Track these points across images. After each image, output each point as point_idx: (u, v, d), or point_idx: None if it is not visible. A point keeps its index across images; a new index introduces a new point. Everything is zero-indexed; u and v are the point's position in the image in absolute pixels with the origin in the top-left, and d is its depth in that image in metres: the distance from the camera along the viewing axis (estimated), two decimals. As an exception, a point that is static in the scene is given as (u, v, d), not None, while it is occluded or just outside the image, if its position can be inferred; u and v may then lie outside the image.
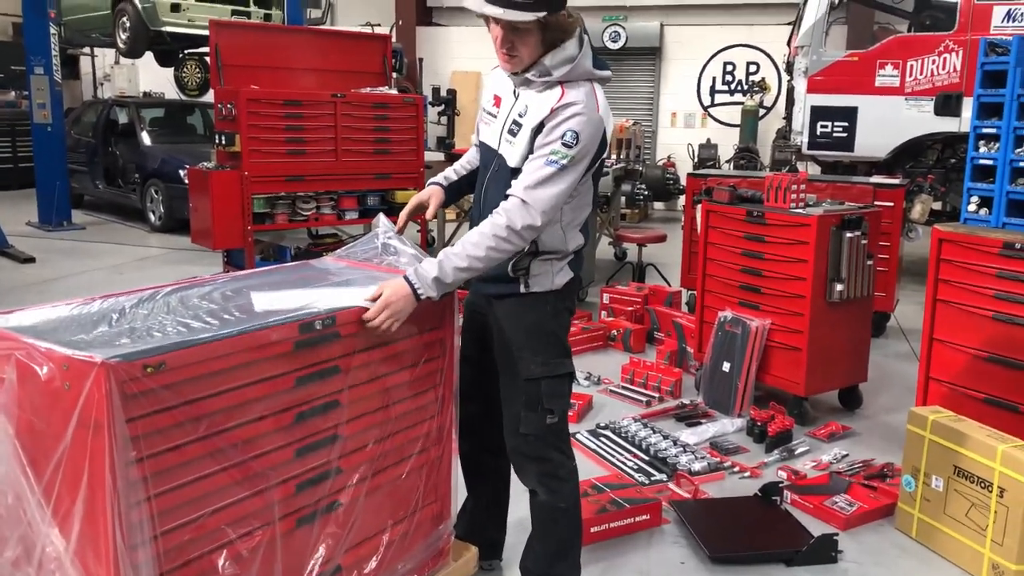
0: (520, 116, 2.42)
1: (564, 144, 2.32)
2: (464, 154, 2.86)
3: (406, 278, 2.28)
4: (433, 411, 2.55)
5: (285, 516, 2.09)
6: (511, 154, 2.44)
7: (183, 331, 1.92)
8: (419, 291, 2.27)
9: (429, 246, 8.75)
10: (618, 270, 7.83)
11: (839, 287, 4.25)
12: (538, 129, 2.36)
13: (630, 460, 3.89)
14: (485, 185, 2.56)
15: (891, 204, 5.75)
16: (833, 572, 3.04)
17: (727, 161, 12.17)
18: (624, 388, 4.86)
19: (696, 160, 12.36)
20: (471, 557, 2.73)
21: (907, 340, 5.97)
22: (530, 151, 2.38)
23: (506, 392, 2.57)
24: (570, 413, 4.38)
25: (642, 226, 10.53)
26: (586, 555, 3.08)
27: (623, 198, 9.31)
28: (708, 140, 12.74)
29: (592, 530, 3.17)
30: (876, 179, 6.26)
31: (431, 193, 2.72)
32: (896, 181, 6.14)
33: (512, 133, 2.44)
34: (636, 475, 3.73)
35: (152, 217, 10.39)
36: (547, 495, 2.57)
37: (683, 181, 8.82)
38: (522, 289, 2.48)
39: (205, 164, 6.90)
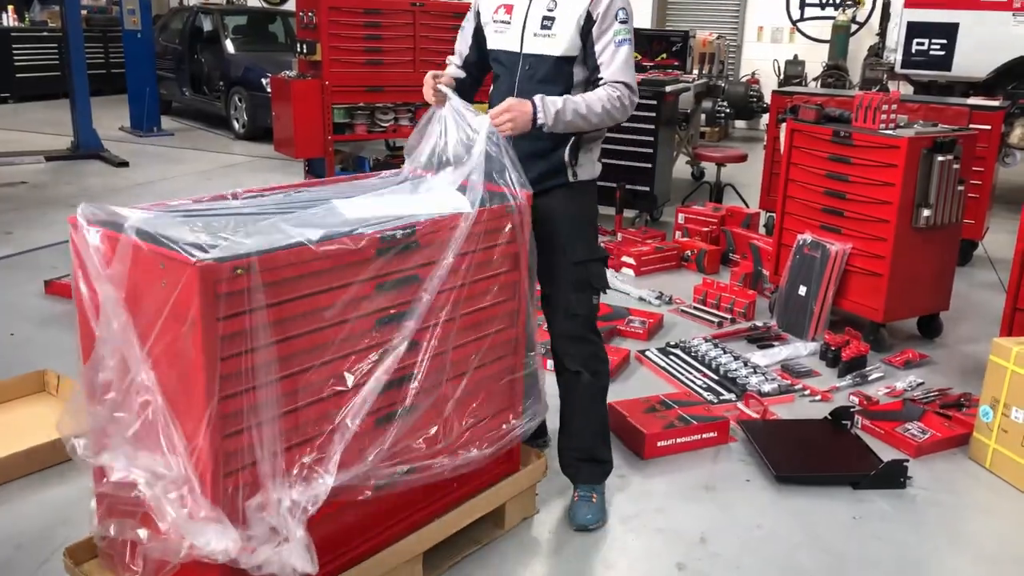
0: (550, 11, 2.61)
1: (620, 22, 2.59)
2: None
3: (532, 100, 2.50)
4: (508, 322, 2.60)
5: (365, 415, 2.19)
6: (554, 46, 2.61)
7: (275, 235, 1.98)
8: (539, 114, 2.49)
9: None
10: (695, 189, 7.71)
11: (926, 213, 4.12)
12: (588, 18, 2.57)
13: (699, 379, 3.91)
14: (518, 88, 2.68)
15: (988, 127, 5.50)
16: (902, 498, 3.04)
17: (815, 79, 11.70)
18: (696, 308, 4.85)
19: (782, 77, 11.91)
20: (540, 464, 2.82)
21: (995, 270, 5.77)
22: (581, 39, 2.59)
23: (556, 277, 2.75)
24: (640, 330, 4.42)
25: (722, 145, 10.27)
26: (651, 468, 3.17)
27: (703, 115, 9.09)
28: (795, 56, 12.23)
29: (659, 444, 3.23)
30: (974, 100, 5.96)
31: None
32: (996, 103, 5.84)
33: (546, 28, 2.62)
34: (705, 394, 3.76)
35: (236, 125, 10.59)
36: (591, 375, 2.79)
37: (767, 99, 8.54)
38: (570, 178, 2.71)
39: (287, 73, 6.96)
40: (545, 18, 2.62)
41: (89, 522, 2.14)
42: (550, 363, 2.89)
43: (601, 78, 2.61)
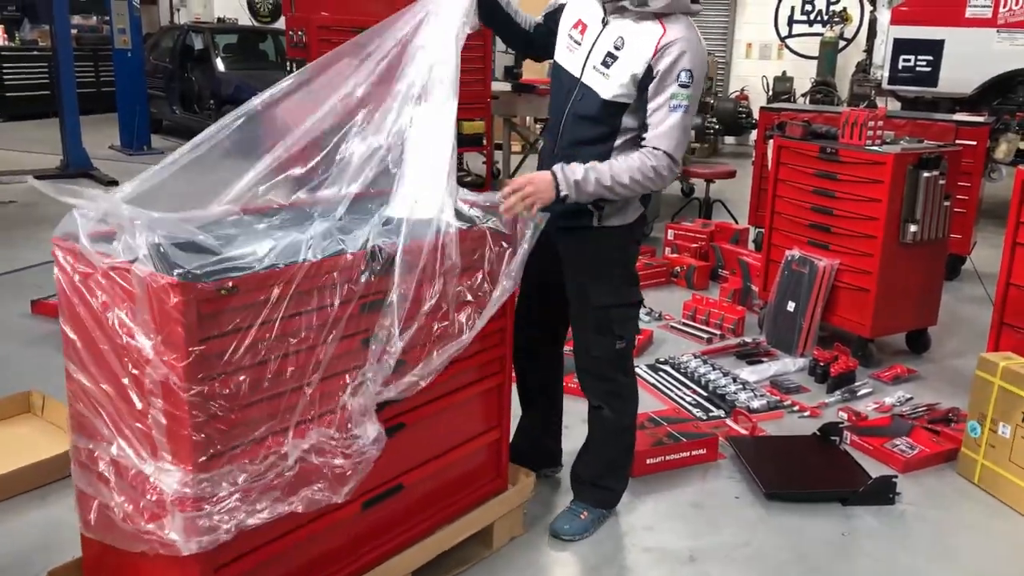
0: (616, 49, 2.44)
1: (682, 85, 2.39)
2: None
3: (552, 171, 2.40)
4: (496, 340, 2.60)
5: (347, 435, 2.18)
6: (604, 87, 2.47)
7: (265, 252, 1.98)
8: (560, 185, 2.37)
9: (495, 178, 8.76)
10: (684, 206, 7.73)
11: (913, 228, 4.14)
12: (647, 72, 2.40)
13: (688, 395, 3.91)
14: (566, 115, 2.58)
15: (974, 143, 5.54)
16: (890, 514, 3.04)
17: (803, 95, 11.78)
18: (685, 324, 4.85)
19: (770, 93, 12.00)
20: (528, 483, 2.81)
21: (982, 284, 5.78)
22: (637, 90, 2.43)
23: (576, 319, 2.72)
24: (630, 347, 4.41)
25: (711, 161, 10.33)
26: (640, 486, 3.15)
27: (692, 132, 9.14)
28: (784, 72, 12.32)
29: (648, 462, 3.22)
30: (959, 116, 6.01)
31: None
32: (981, 119, 5.89)
33: (606, 65, 2.46)
34: (694, 410, 3.75)
35: (226, 143, 10.57)
36: (611, 412, 2.77)
37: (756, 115, 8.59)
38: (595, 223, 2.58)
39: (276, 91, 6.95)
40: (608, 55, 2.46)
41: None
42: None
43: (643, 139, 2.47)
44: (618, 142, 2.52)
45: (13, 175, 8.40)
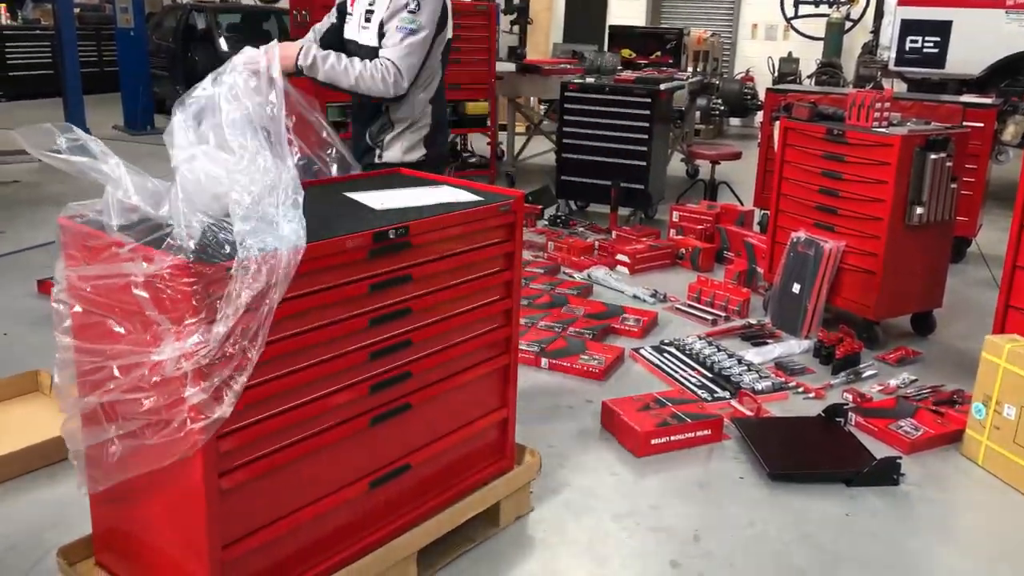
0: (371, 4, 3.01)
1: (409, 11, 2.92)
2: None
3: (299, 44, 2.89)
4: (501, 321, 2.61)
5: (359, 415, 2.19)
6: (369, 37, 3.01)
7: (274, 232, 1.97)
8: (300, 56, 2.82)
9: (499, 159, 8.74)
10: (689, 187, 7.71)
11: (919, 210, 4.13)
12: (389, 13, 2.95)
13: (693, 377, 3.92)
14: None
15: (981, 125, 5.51)
16: (894, 494, 3.05)
17: (809, 76, 11.72)
18: (690, 306, 4.85)
19: (776, 74, 11.93)
20: (534, 462, 2.82)
21: (988, 267, 5.78)
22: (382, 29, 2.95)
23: None
24: (634, 328, 4.42)
25: (716, 142, 10.29)
26: (645, 466, 3.17)
27: (698, 113, 9.10)
28: (790, 54, 12.24)
29: (653, 442, 3.24)
30: (967, 98, 5.97)
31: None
32: (988, 101, 5.86)
33: (367, 20, 3.01)
34: (699, 392, 3.76)
35: (229, 123, 10.55)
36: None
37: (761, 96, 8.55)
38: (376, 159, 3.06)
39: (280, 71, 6.93)
40: (367, 11, 3.03)
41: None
42: (545, 361, 2.91)
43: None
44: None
45: (16, 155, 8.40)
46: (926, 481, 3.15)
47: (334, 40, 3.19)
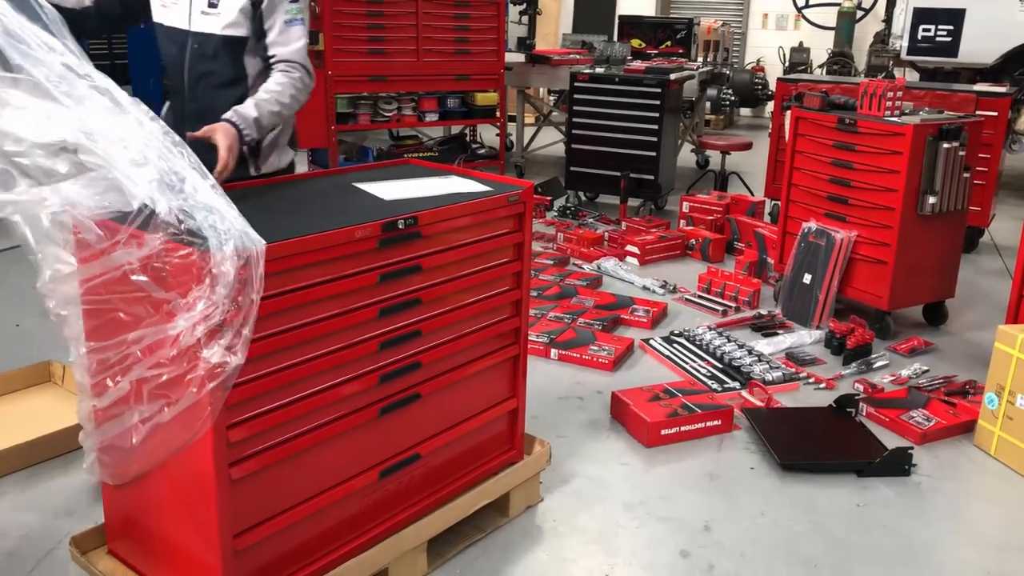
0: None
1: (291, 1, 2.56)
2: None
3: (231, 121, 2.37)
4: (511, 311, 2.60)
5: (369, 405, 2.20)
6: (217, 24, 2.55)
7: (278, 225, 1.98)
8: (244, 132, 2.38)
9: (508, 150, 8.73)
10: (700, 178, 7.68)
11: (931, 200, 4.10)
12: (253, 1, 2.53)
13: (703, 367, 3.91)
14: (187, 73, 2.62)
15: (995, 113, 5.47)
16: (906, 485, 3.04)
17: (820, 66, 11.64)
18: (700, 297, 4.84)
19: (787, 64, 11.86)
20: (544, 452, 2.82)
21: (1001, 257, 5.74)
22: (250, 21, 2.54)
23: None
24: (644, 319, 4.41)
25: (727, 133, 10.24)
26: (656, 456, 3.17)
27: (708, 103, 9.06)
28: (800, 43, 12.17)
29: (663, 432, 3.23)
30: (980, 87, 5.92)
31: None
32: (1002, 89, 5.80)
33: (213, 5, 2.55)
34: (709, 382, 3.75)
35: (238, 116, 10.56)
36: None
37: (772, 86, 8.50)
38: (252, 172, 2.62)
39: (289, 63, 6.94)
40: None
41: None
42: (554, 352, 2.89)
43: (273, 56, 2.57)
44: (250, 86, 2.59)
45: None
46: (938, 472, 3.14)
47: (115, 6, 2.69)
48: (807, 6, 12.68)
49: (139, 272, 1.81)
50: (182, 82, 2.65)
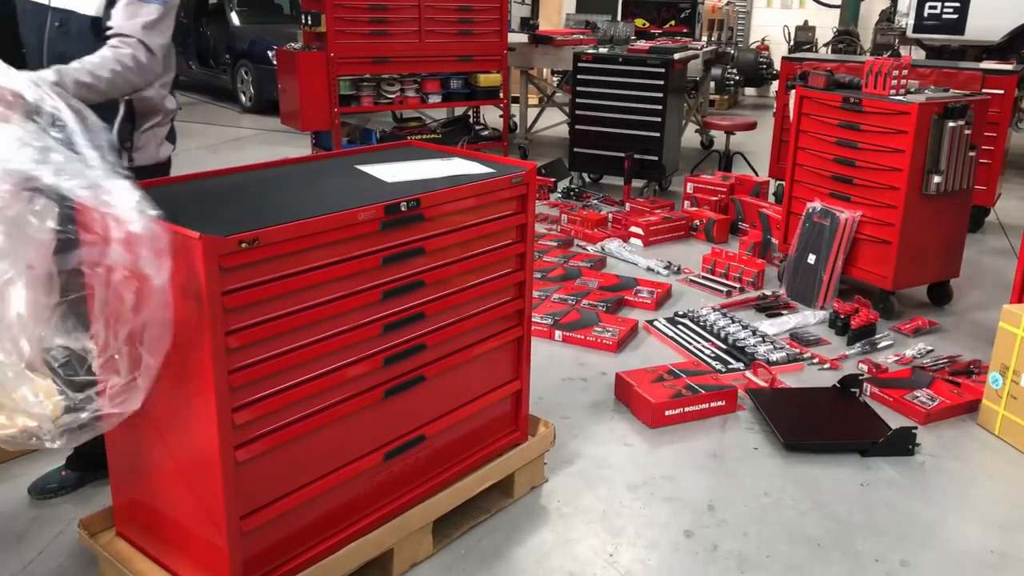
0: None
1: None
2: None
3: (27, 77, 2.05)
4: (514, 293, 2.60)
5: (373, 388, 2.21)
6: (85, 4, 2.29)
7: (281, 208, 1.99)
8: (35, 86, 2.04)
9: (511, 132, 8.70)
10: (704, 158, 7.65)
11: (936, 179, 4.08)
12: None
13: (707, 348, 3.91)
14: (46, 52, 2.35)
15: (1001, 92, 5.44)
16: (910, 464, 3.05)
17: (825, 45, 11.58)
18: (704, 278, 4.84)
19: (792, 43, 11.79)
20: (548, 433, 2.83)
21: (1006, 236, 5.73)
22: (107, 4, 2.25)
23: None
24: (648, 300, 4.41)
25: (731, 113, 10.20)
26: (659, 437, 3.18)
27: (712, 83, 9.01)
28: (806, 22, 12.10)
29: (667, 413, 3.24)
30: (987, 64, 5.88)
31: None
32: (1009, 67, 5.76)
33: None
34: (713, 363, 3.76)
35: (243, 98, 10.55)
36: None
37: (777, 65, 8.45)
38: (126, 163, 2.34)
39: (292, 45, 6.92)
40: None
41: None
42: (559, 333, 2.88)
43: (109, 28, 2.25)
44: None
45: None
46: (942, 451, 3.14)
47: None
48: (812, -16, 12.58)
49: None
50: (42, 56, 2.36)
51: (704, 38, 9.64)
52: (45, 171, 1.72)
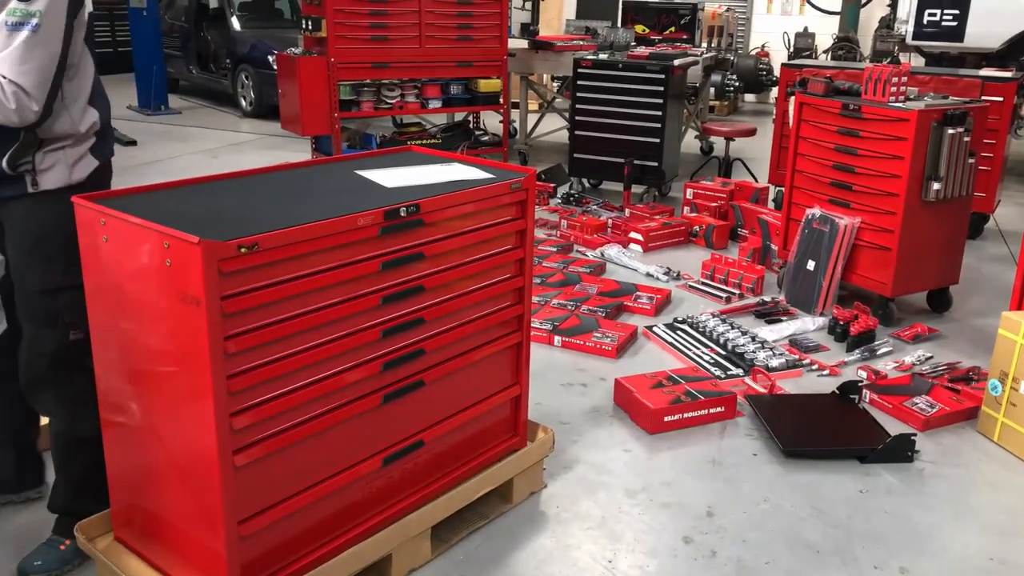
0: None
1: (19, 1, 2.01)
2: None
3: None
4: (513, 299, 2.61)
5: (372, 393, 2.21)
6: None
7: (280, 213, 1.99)
8: None
9: (511, 137, 8.71)
10: (703, 164, 7.66)
11: (936, 186, 4.09)
12: None
13: (707, 354, 3.91)
14: None
15: (1000, 99, 5.45)
16: (909, 471, 3.05)
17: (825, 51, 11.59)
18: (704, 284, 4.84)
19: (792, 50, 11.80)
20: (547, 439, 2.83)
21: (1006, 243, 5.73)
22: None
23: (22, 308, 2.30)
24: (648, 306, 4.41)
25: (731, 119, 10.20)
26: (658, 443, 3.17)
27: (712, 89, 9.01)
28: (805, 28, 12.10)
29: (666, 419, 3.24)
30: (986, 72, 5.89)
31: None
32: (1008, 74, 5.77)
33: None
34: (712, 369, 3.76)
35: (243, 103, 10.56)
36: (62, 423, 2.36)
37: (777, 72, 8.46)
38: (31, 189, 2.18)
39: (292, 50, 6.94)
40: None
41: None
42: (558, 338, 2.87)
43: None
44: None
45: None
46: (941, 458, 3.14)
47: None
48: (812, -9, 12.60)
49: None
50: None
51: (704, 44, 9.65)
52: None
